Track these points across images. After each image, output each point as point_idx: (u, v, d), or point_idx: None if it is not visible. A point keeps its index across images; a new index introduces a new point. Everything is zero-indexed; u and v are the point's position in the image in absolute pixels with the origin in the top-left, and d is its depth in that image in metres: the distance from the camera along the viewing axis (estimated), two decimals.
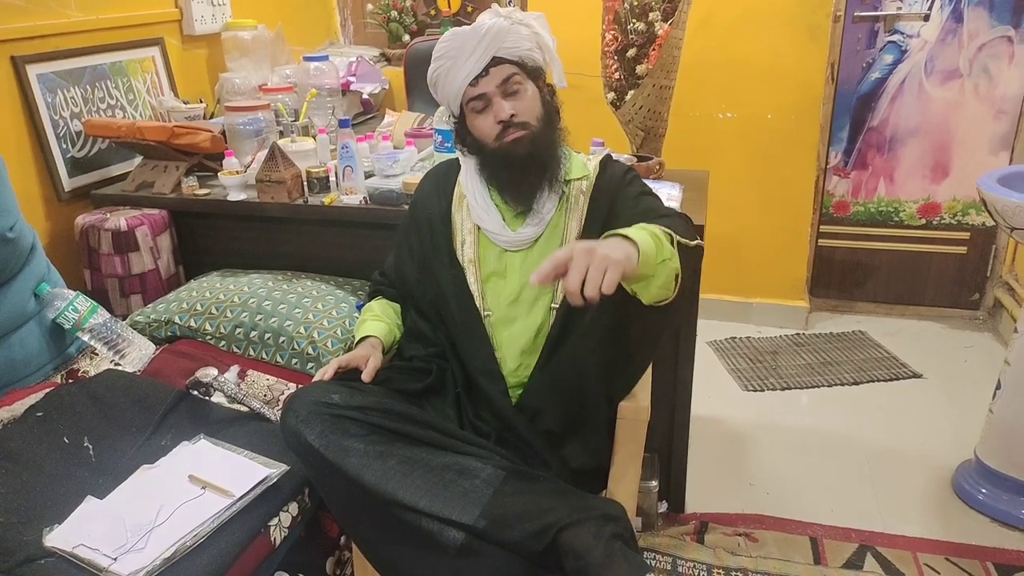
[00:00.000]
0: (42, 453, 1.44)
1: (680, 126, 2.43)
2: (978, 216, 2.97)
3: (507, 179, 1.44)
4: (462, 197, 1.52)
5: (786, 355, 2.86)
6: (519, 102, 1.41)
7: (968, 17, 2.75)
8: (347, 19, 3.49)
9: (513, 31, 1.39)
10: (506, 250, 1.47)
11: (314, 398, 1.28)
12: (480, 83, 1.40)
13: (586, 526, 1.16)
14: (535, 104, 1.43)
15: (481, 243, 1.49)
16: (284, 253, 2.10)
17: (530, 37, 1.42)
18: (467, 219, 1.50)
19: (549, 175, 1.44)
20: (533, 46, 1.43)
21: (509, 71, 1.40)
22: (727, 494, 2.13)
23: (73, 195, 2.11)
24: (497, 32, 1.38)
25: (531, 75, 1.43)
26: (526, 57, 1.42)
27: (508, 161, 1.42)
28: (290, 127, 2.28)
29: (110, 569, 1.18)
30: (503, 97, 1.40)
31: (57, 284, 1.84)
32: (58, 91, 2.07)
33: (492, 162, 1.45)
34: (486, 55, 1.38)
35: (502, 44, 1.38)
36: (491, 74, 1.39)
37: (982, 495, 2.03)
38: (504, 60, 1.39)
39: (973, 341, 2.95)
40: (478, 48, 1.38)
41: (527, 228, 1.45)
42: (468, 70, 1.39)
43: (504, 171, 1.44)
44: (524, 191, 1.44)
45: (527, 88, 1.42)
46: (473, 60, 1.38)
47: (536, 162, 1.42)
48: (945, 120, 2.89)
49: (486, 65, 1.39)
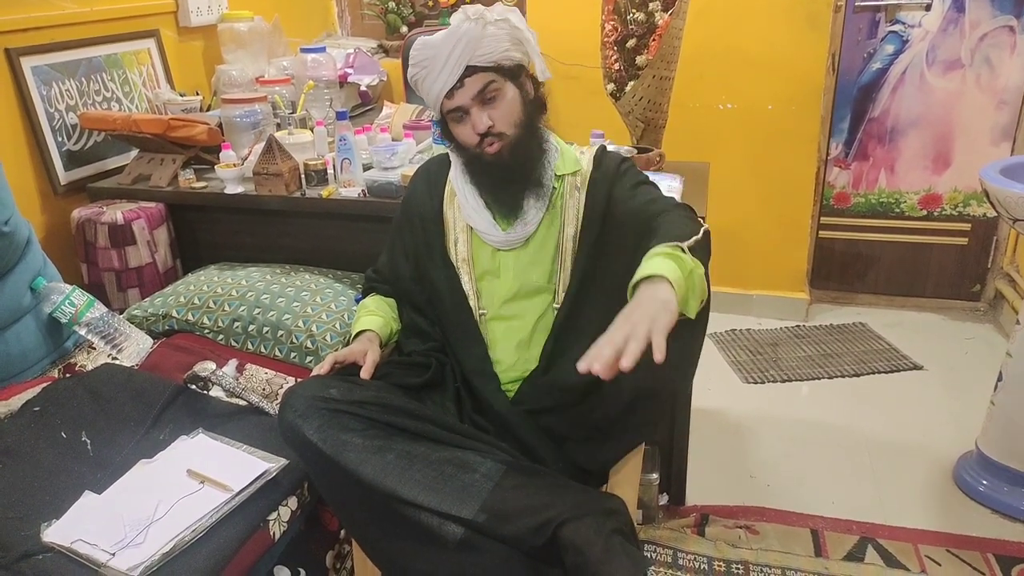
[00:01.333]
0: (40, 448, 1.43)
1: (680, 117, 2.42)
2: (979, 207, 2.96)
3: (489, 186, 1.42)
4: (453, 194, 1.50)
5: (787, 347, 2.86)
6: (496, 110, 1.35)
7: (970, 7, 2.73)
8: (344, 10, 3.47)
9: (487, 35, 1.32)
10: (498, 249, 1.46)
11: (312, 393, 1.28)
12: (456, 95, 1.34)
13: (586, 521, 1.15)
14: (514, 108, 1.37)
15: (474, 242, 1.47)
16: (282, 246, 2.08)
17: (505, 37, 1.34)
18: (459, 216, 1.48)
19: (533, 180, 1.40)
20: (509, 44, 1.34)
21: (484, 80, 1.33)
22: (728, 486, 2.12)
23: (69, 188, 2.10)
24: (469, 40, 1.31)
25: (510, 75, 1.36)
26: (502, 59, 1.34)
27: (489, 170, 1.39)
28: (287, 119, 2.27)
29: (108, 564, 1.17)
30: (480, 107, 1.35)
31: (54, 278, 1.83)
32: (53, 84, 2.05)
33: (474, 168, 1.42)
34: (459, 66, 1.32)
35: (475, 52, 1.31)
36: (466, 85, 1.33)
37: (983, 487, 2.02)
38: (479, 68, 1.33)
39: (974, 332, 2.94)
40: (450, 59, 1.32)
41: (517, 227, 1.43)
42: (443, 82, 1.34)
43: (486, 178, 1.41)
44: (507, 199, 1.41)
45: (505, 92, 1.36)
46: (447, 72, 1.32)
47: (518, 171, 1.38)
48: (946, 111, 2.88)
49: (460, 76, 1.33)
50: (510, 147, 1.37)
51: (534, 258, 1.44)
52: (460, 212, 1.48)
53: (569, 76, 2.78)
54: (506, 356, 1.44)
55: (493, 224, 1.44)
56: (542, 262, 1.44)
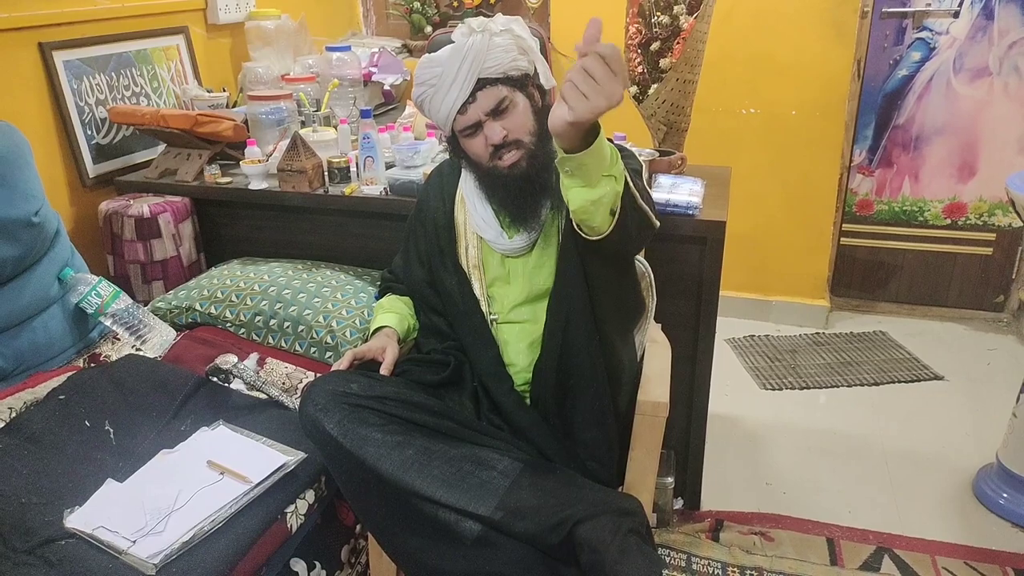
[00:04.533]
0: (64, 436, 1.46)
1: (703, 121, 2.41)
2: (1004, 217, 2.92)
3: (505, 199, 1.39)
4: (464, 200, 1.50)
5: (805, 354, 2.84)
6: (510, 120, 1.34)
7: (999, 14, 2.70)
8: (369, 10, 3.49)
9: (494, 46, 1.31)
10: (507, 256, 1.46)
11: (333, 387, 1.29)
12: (469, 110, 1.33)
13: (602, 520, 1.15)
14: (527, 117, 1.35)
15: (484, 249, 1.47)
16: (304, 242, 2.10)
17: (511, 47, 1.33)
18: (470, 222, 1.48)
19: (551, 188, 1.37)
20: (516, 54, 1.33)
21: (498, 95, 1.32)
22: (743, 492, 2.12)
23: (97, 181, 2.13)
24: (477, 53, 1.30)
25: (519, 86, 1.35)
26: (510, 69, 1.32)
27: (505, 183, 1.37)
28: (312, 117, 2.29)
29: (129, 551, 1.19)
30: (494, 119, 1.33)
31: (80, 269, 1.86)
32: (84, 78, 2.09)
33: (489, 182, 1.40)
34: (470, 80, 1.30)
35: (484, 65, 1.30)
36: (479, 99, 1.32)
37: (1003, 499, 2.00)
38: (490, 81, 1.31)
39: (997, 344, 2.90)
40: (459, 74, 1.30)
41: (524, 234, 1.42)
42: (453, 98, 1.32)
43: (501, 191, 1.39)
44: (525, 211, 1.39)
45: (517, 102, 1.34)
46: (457, 88, 1.31)
47: (535, 183, 1.36)
48: (973, 119, 2.85)
49: (472, 90, 1.31)
50: (528, 157, 1.35)
51: (539, 260, 1.44)
52: (470, 219, 1.48)
53: None
54: (519, 358, 1.44)
55: (501, 233, 1.44)
56: (547, 263, 1.44)
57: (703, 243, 1.77)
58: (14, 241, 1.66)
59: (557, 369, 1.35)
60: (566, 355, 1.34)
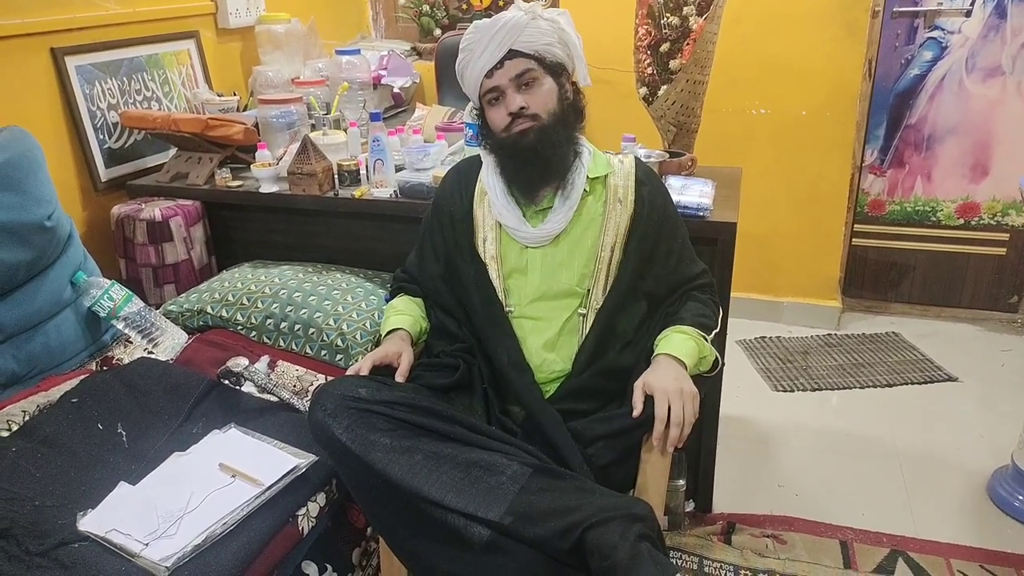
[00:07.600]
0: (77, 439, 1.46)
1: (713, 122, 2.40)
2: (1018, 216, 2.90)
3: (512, 170, 1.45)
4: (483, 193, 1.52)
5: (817, 356, 2.82)
6: (532, 96, 1.41)
7: (1012, 13, 2.68)
8: (379, 13, 3.50)
9: (532, 25, 1.39)
10: (527, 246, 1.46)
11: (342, 392, 1.29)
12: (495, 75, 1.41)
13: (612, 525, 1.15)
14: (550, 99, 1.42)
15: (503, 240, 1.49)
16: (314, 245, 2.11)
17: (551, 32, 1.41)
18: (488, 215, 1.50)
19: (554, 170, 1.43)
20: (553, 41, 1.41)
21: (524, 65, 1.40)
22: (755, 495, 2.10)
23: (109, 185, 2.15)
24: (513, 26, 1.38)
25: (550, 70, 1.42)
26: (544, 51, 1.41)
27: (512, 151, 1.43)
28: (322, 120, 2.30)
29: (142, 554, 1.19)
30: (517, 90, 1.41)
31: (93, 273, 1.87)
32: (96, 82, 2.10)
33: (500, 153, 1.46)
34: (502, 47, 1.39)
35: (518, 37, 1.38)
36: (506, 67, 1.40)
37: (1019, 502, 1.98)
38: (520, 53, 1.40)
39: (1011, 344, 2.88)
40: (493, 41, 1.38)
41: (547, 224, 1.44)
42: (484, 62, 1.40)
43: (509, 161, 1.45)
44: (526, 184, 1.44)
45: (544, 82, 1.42)
46: (489, 52, 1.39)
47: (539, 156, 1.41)
48: (986, 118, 2.82)
49: (501, 58, 1.39)
50: (538, 130, 1.41)
51: (565, 260, 1.45)
52: (490, 211, 1.50)
53: (601, 80, 2.76)
54: (533, 356, 1.44)
55: (522, 220, 1.46)
56: (573, 265, 1.45)
57: (714, 244, 1.76)
58: (27, 245, 1.67)
59: (594, 388, 1.42)
60: (608, 378, 1.43)
